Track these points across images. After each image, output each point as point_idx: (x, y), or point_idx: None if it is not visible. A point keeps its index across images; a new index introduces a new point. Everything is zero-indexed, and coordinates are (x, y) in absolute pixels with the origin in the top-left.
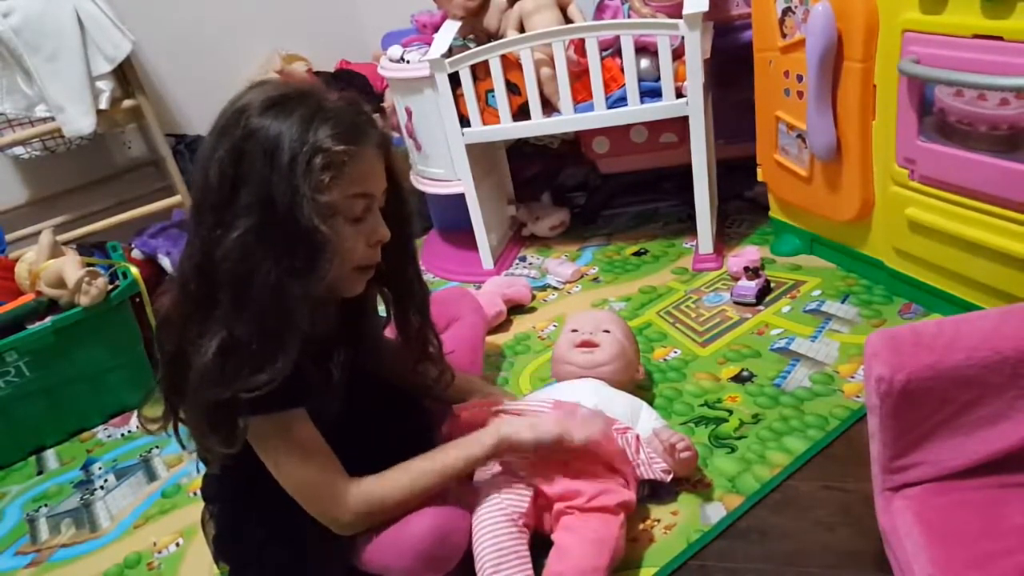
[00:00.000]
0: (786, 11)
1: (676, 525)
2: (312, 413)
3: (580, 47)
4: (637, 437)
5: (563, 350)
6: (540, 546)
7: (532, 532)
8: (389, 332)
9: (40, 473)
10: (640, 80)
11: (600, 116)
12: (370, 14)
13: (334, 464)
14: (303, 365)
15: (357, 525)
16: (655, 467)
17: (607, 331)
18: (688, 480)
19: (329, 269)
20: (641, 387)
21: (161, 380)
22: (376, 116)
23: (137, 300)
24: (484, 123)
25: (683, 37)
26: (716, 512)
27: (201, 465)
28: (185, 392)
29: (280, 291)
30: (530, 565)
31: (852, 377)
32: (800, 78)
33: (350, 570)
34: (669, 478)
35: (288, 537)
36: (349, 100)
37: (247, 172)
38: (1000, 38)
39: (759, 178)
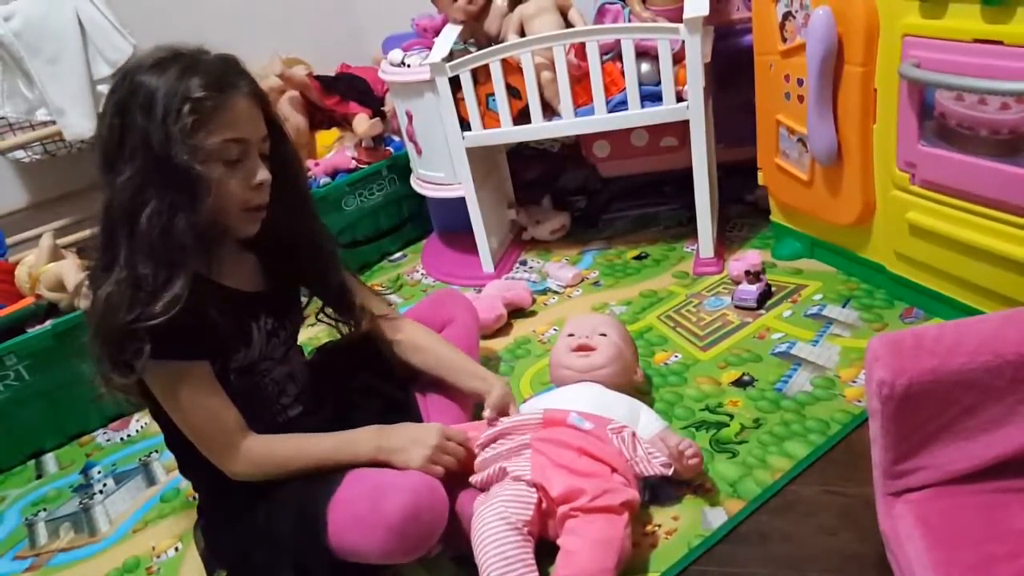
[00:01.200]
0: (786, 15)
1: (677, 530)
2: (240, 368)
3: (580, 51)
4: (633, 434)
5: (560, 354)
6: (546, 553)
7: (537, 539)
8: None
9: (39, 477)
10: (641, 84)
11: (601, 120)
12: (371, 18)
13: (230, 417)
14: (217, 322)
15: (246, 475)
16: (654, 462)
17: (604, 334)
18: (690, 483)
19: (207, 205)
20: (641, 391)
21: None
22: (379, 117)
23: None
24: (485, 127)
25: (683, 41)
26: (717, 517)
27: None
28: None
29: (167, 225)
30: (536, 573)
31: (853, 381)
32: (801, 82)
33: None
34: (670, 471)
35: (266, 531)
36: (224, 57)
37: (130, 123)
38: (1000, 42)
39: (760, 182)
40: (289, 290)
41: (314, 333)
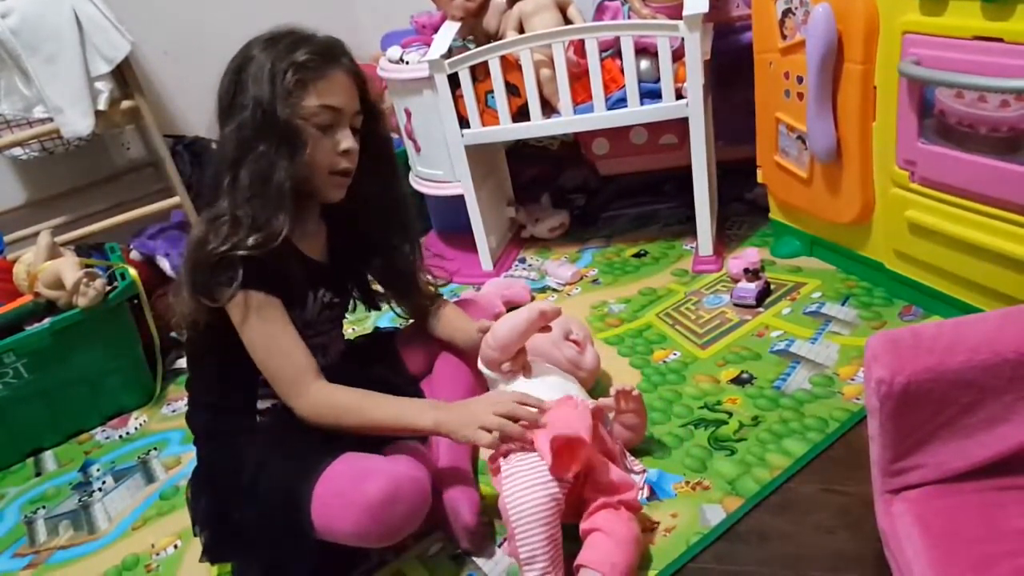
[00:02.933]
0: (786, 12)
1: (675, 528)
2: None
3: (580, 48)
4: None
5: (547, 344)
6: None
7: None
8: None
9: (38, 475)
10: (640, 81)
11: (600, 117)
12: (369, 15)
13: (304, 354)
14: (289, 275)
15: (309, 418)
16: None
17: (592, 343)
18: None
19: (302, 159)
20: (641, 389)
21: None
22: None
23: (135, 302)
24: (483, 124)
25: (683, 38)
26: (716, 515)
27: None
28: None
29: (268, 170)
30: (560, 533)
31: (852, 379)
32: (800, 80)
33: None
34: (643, 474)
35: (249, 493)
36: (333, 38)
37: (242, 81)
38: (1000, 40)
39: (759, 180)
40: (349, 271)
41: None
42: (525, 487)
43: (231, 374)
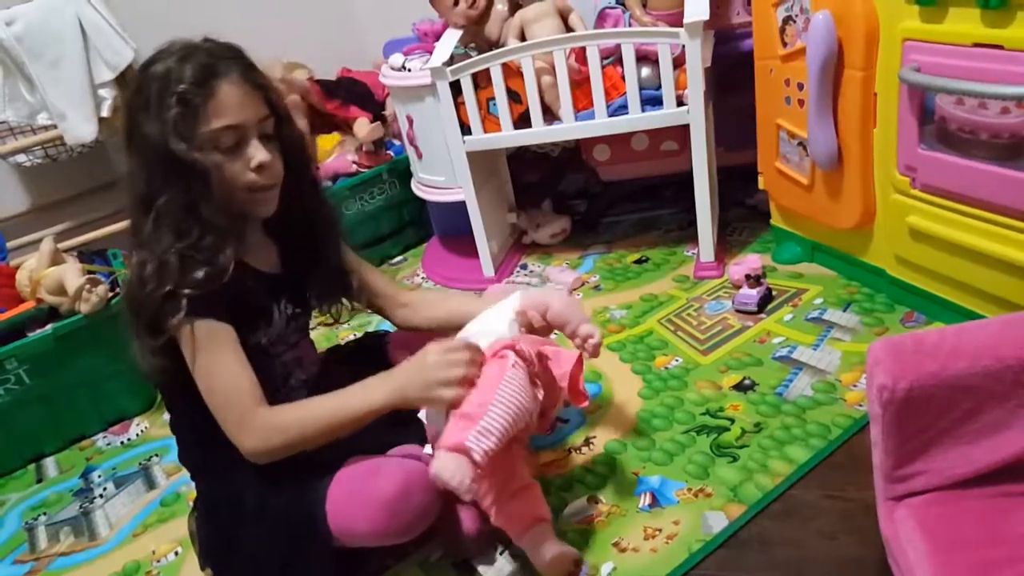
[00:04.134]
0: (787, 19)
1: (678, 534)
2: (254, 346)
3: (581, 55)
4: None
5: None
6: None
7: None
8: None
9: (39, 481)
10: (641, 88)
11: (601, 124)
12: (371, 22)
13: (248, 384)
14: (244, 296)
15: (259, 450)
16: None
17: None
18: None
19: (216, 192)
20: (642, 395)
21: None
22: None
23: None
24: (485, 131)
25: (684, 45)
26: (718, 521)
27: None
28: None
29: (190, 206)
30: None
31: (854, 386)
32: (801, 86)
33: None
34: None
35: (256, 515)
36: (216, 46)
37: (133, 117)
38: (1000, 47)
39: (760, 186)
40: (306, 277)
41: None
42: (522, 387)
43: None
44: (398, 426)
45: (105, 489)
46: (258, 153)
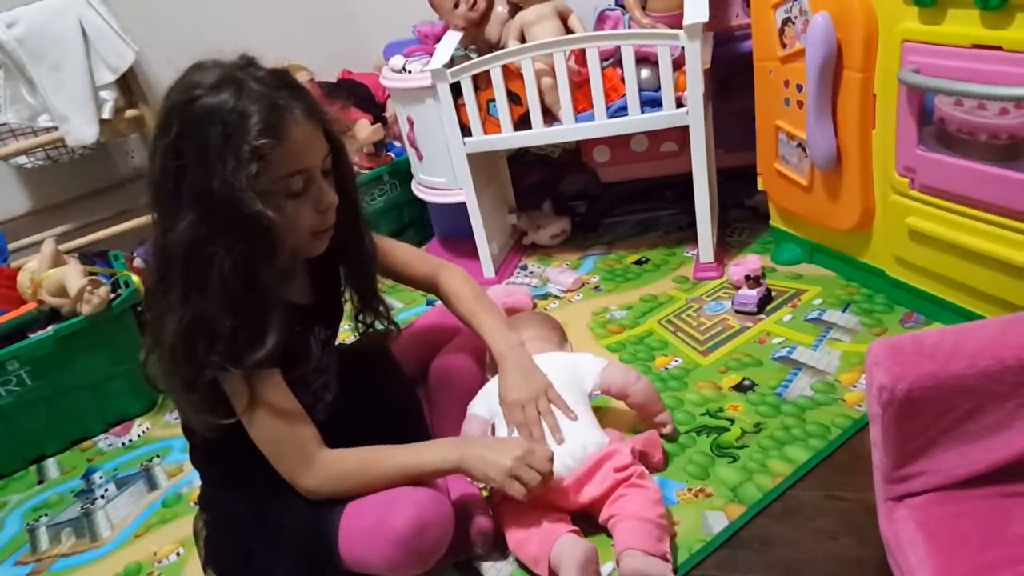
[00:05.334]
0: (786, 21)
1: (678, 534)
2: (292, 380)
3: (581, 57)
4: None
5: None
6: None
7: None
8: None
9: (41, 482)
10: (641, 90)
11: (601, 126)
12: (372, 24)
13: (307, 428)
14: (290, 333)
15: (320, 492)
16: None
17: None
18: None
19: (284, 245)
20: None
21: (144, 352)
22: (380, 123)
23: (139, 309)
24: (485, 132)
25: (683, 47)
26: (718, 521)
27: (198, 475)
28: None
29: (245, 274)
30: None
31: (854, 386)
32: (800, 87)
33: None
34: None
35: (274, 539)
36: (273, 78)
37: (184, 166)
38: (999, 48)
39: (759, 187)
40: (335, 299)
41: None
42: None
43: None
44: (398, 421)
45: (107, 490)
46: (327, 195)
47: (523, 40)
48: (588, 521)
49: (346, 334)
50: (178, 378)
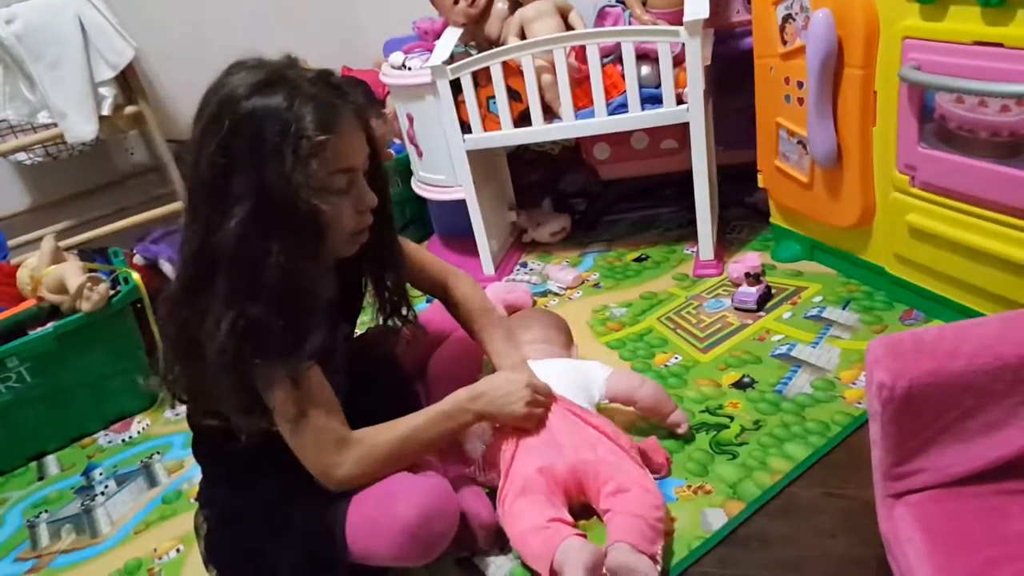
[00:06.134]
0: (786, 18)
1: (677, 532)
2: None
3: (581, 54)
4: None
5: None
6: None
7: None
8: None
9: (41, 479)
10: (641, 87)
11: (601, 123)
12: (372, 21)
13: (340, 416)
14: (327, 328)
15: (355, 477)
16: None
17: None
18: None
19: (327, 244)
20: None
21: (165, 362)
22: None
23: (139, 306)
24: (485, 129)
25: (684, 44)
26: (717, 519)
27: (198, 471)
28: (194, 371)
29: (294, 271)
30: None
31: (853, 383)
32: (800, 84)
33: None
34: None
35: (281, 531)
36: (324, 77)
37: (237, 163)
38: (1001, 45)
39: (759, 184)
40: (356, 297)
41: None
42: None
43: (267, 450)
44: (393, 402)
45: (106, 487)
46: (368, 195)
47: (523, 37)
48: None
49: None
50: (229, 381)
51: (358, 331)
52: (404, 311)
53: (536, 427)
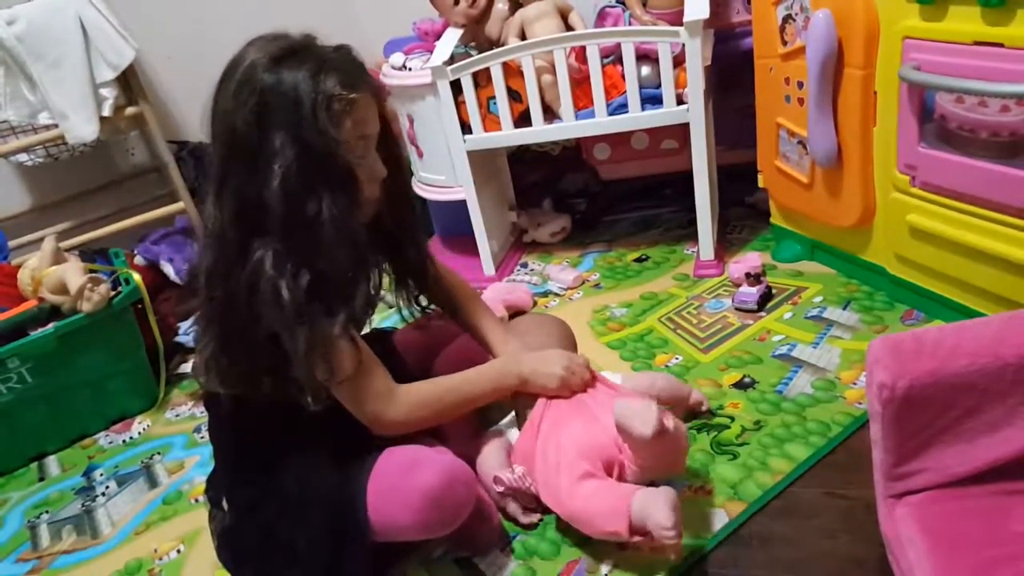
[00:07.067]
0: (787, 18)
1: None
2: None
3: (581, 54)
4: None
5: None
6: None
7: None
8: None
9: (41, 479)
10: (641, 87)
11: (601, 123)
12: (372, 22)
13: (383, 367)
14: (372, 282)
15: (404, 423)
16: None
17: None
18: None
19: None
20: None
21: (208, 332)
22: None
23: (139, 306)
24: (486, 130)
25: (684, 44)
26: (718, 519)
27: (203, 470)
28: (241, 337)
29: (347, 224)
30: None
31: (854, 384)
32: (801, 85)
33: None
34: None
35: (298, 509)
36: (344, 51)
37: (273, 120)
38: (1001, 45)
39: (760, 184)
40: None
41: None
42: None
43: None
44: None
45: (107, 487)
46: (378, 165)
47: (523, 37)
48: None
49: None
50: (303, 339)
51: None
52: (419, 294)
53: (572, 392)
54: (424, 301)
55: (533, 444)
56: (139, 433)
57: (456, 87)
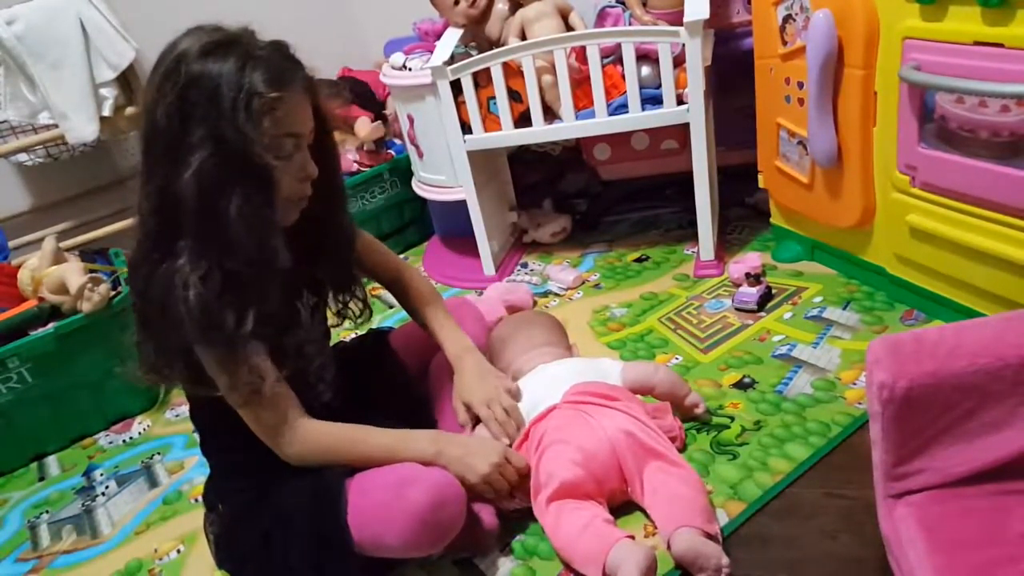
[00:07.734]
0: (787, 18)
1: None
2: (278, 348)
3: (581, 54)
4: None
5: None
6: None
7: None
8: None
9: (41, 479)
10: (641, 87)
11: (601, 123)
12: (372, 22)
13: (287, 399)
14: (272, 299)
15: (303, 460)
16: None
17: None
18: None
19: (277, 204)
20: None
21: (138, 325)
22: (380, 121)
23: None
24: (486, 130)
25: (684, 44)
26: (718, 519)
27: (202, 470)
28: (161, 330)
29: (257, 222)
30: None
31: (854, 384)
32: (801, 85)
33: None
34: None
35: (290, 529)
36: (277, 46)
37: (193, 113)
38: (1001, 45)
39: (760, 185)
40: (313, 269)
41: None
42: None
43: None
44: (409, 414)
45: (107, 487)
46: (309, 164)
47: (523, 37)
48: None
49: (345, 332)
50: (208, 353)
51: (353, 335)
52: (355, 290)
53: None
54: (356, 307)
55: (531, 455)
56: (139, 433)
57: (456, 87)
